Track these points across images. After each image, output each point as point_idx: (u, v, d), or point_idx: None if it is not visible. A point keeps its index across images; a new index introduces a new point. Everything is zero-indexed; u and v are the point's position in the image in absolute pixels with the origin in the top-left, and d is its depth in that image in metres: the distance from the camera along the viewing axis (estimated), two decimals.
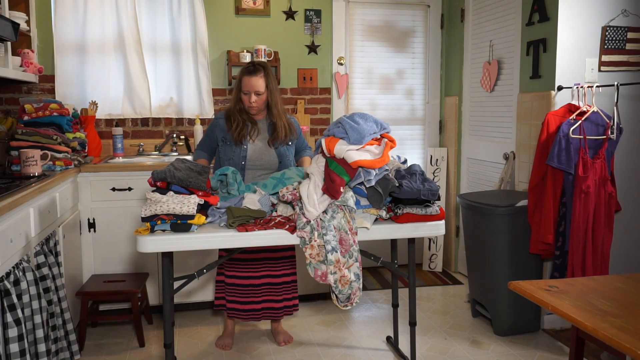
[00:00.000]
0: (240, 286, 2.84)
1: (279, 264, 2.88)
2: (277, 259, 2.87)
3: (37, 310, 2.08)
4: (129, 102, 3.68)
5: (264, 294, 2.86)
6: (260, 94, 2.70)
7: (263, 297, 2.86)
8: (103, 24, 3.58)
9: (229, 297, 2.86)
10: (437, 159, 4.20)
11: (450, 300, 3.60)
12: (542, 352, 2.83)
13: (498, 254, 2.96)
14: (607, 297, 1.57)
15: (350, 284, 2.17)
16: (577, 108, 2.80)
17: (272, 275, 2.87)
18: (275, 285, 2.87)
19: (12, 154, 2.90)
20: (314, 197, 2.18)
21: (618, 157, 3.00)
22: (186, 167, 2.24)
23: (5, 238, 1.96)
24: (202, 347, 2.94)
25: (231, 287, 2.85)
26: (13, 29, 2.73)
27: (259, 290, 2.85)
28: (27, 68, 3.27)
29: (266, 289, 2.86)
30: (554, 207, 2.78)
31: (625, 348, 1.26)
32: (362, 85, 4.13)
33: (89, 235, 3.13)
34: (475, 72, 3.81)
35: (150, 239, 2.05)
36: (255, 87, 2.68)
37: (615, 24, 2.95)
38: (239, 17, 3.84)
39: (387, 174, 2.24)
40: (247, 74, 2.70)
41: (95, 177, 3.12)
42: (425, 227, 2.30)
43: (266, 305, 2.87)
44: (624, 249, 3.11)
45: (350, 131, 2.20)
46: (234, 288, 2.85)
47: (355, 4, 4.04)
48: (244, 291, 2.84)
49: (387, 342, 2.98)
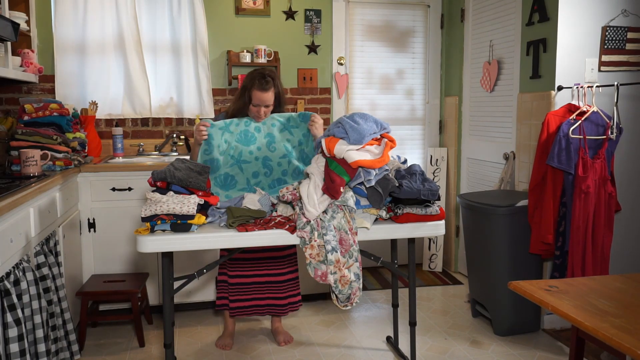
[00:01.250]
0: (244, 285, 2.85)
1: (283, 262, 2.89)
2: (280, 257, 2.88)
3: (37, 310, 2.08)
4: (129, 102, 3.68)
5: (267, 291, 2.88)
6: (269, 105, 2.68)
7: (267, 294, 2.88)
8: (103, 24, 3.58)
9: (233, 297, 2.86)
10: (437, 159, 4.20)
11: (450, 300, 3.60)
12: (542, 352, 2.83)
13: (498, 254, 2.96)
14: (607, 297, 1.57)
15: (350, 284, 2.17)
16: (577, 108, 2.80)
17: (276, 274, 2.88)
18: (279, 284, 2.89)
19: (12, 154, 2.90)
20: (314, 197, 2.18)
21: (618, 157, 3.00)
22: (186, 167, 2.24)
23: (5, 238, 1.96)
24: (202, 347, 2.94)
25: (235, 287, 2.85)
26: (13, 29, 2.73)
27: (263, 287, 2.87)
28: (27, 68, 3.27)
29: (270, 286, 2.88)
30: (554, 207, 2.78)
31: (625, 348, 1.26)
32: (362, 85, 4.13)
33: (89, 235, 3.14)
34: (475, 72, 3.81)
35: (150, 239, 2.05)
36: (266, 101, 2.64)
37: (615, 24, 2.95)
38: (239, 17, 3.84)
39: (387, 174, 2.24)
40: (259, 90, 2.62)
41: (95, 177, 3.12)
42: (425, 227, 2.30)
43: (270, 302, 2.89)
44: (624, 249, 3.11)
45: (350, 131, 2.20)
46: (238, 287, 2.85)
47: (355, 4, 4.04)
48: (248, 289, 2.86)
49: (387, 342, 2.98)
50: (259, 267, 2.85)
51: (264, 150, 2.58)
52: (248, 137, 2.59)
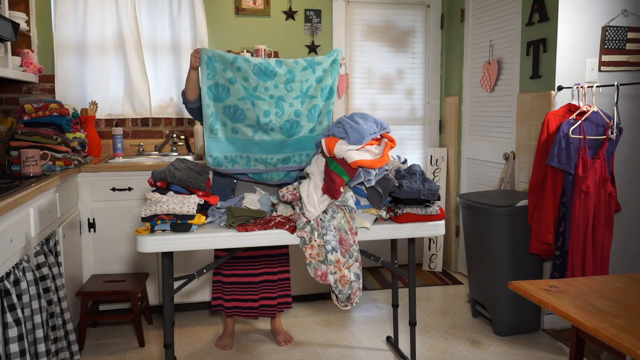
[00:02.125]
0: (239, 284, 2.85)
1: (276, 261, 2.90)
2: (274, 256, 2.89)
3: (37, 310, 2.08)
4: (129, 102, 3.68)
5: (261, 291, 2.89)
6: None
7: (260, 294, 2.88)
8: (103, 24, 3.58)
9: (227, 296, 2.87)
10: (437, 159, 4.20)
11: (450, 300, 3.60)
12: (542, 352, 2.83)
13: (498, 254, 2.96)
14: (607, 297, 1.57)
15: (350, 284, 2.17)
16: (577, 108, 2.80)
17: (270, 273, 2.89)
18: (272, 283, 2.90)
19: (12, 154, 2.90)
20: (314, 197, 2.18)
21: (618, 157, 3.00)
22: (186, 167, 2.24)
23: (5, 238, 1.96)
24: (202, 347, 2.94)
25: (229, 286, 2.86)
26: (13, 29, 2.73)
27: (257, 287, 2.87)
28: (27, 68, 3.27)
29: (264, 286, 2.89)
30: (554, 207, 2.78)
31: (625, 348, 1.26)
32: (362, 85, 4.13)
33: (89, 235, 3.14)
34: (475, 72, 3.81)
35: (150, 239, 2.05)
36: None
37: (615, 24, 2.95)
38: (239, 17, 3.84)
39: (387, 174, 2.24)
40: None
41: (95, 177, 3.12)
42: (425, 227, 2.30)
43: (263, 302, 2.90)
44: (624, 249, 3.11)
45: (350, 131, 2.20)
46: (232, 286, 2.86)
47: (355, 4, 4.04)
48: (243, 289, 2.86)
49: (387, 342, 2.98)
50: (253, 266, 2.86)
51: (281, 89, 2.42)
52: (268, 71, 2.41)
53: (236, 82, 2.39)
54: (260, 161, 2.49)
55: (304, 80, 2.47)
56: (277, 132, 2.45)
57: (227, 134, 2.44)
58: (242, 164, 2.49)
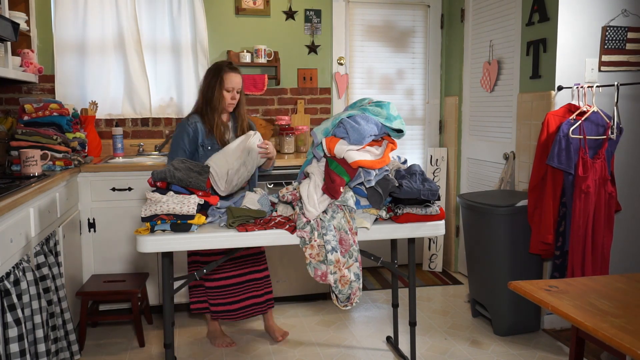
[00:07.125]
0: (224, 287, 2.86)
1: (256, 260, 2.93)
2: (253, 255, 2.92)
3: (37, 310, 2.08)
4: (129, 102, 3.68)
5: (247, 290, 2.90)
6: (240, 91, 2.73)
7: (247, 294, 2.90)
8: (103, 24, 3.58)
9: (214, 301, 2.87)
10: (437, 159, 4.20)
11: (450, 300, 3.60)
12: (542, 352, 2.83)
13: (498, 254, 2.96)
14: (607, 297, 1.57)
15: (350, 284, 2.17)
16: (577, 108, 2.80)
17: (256, 271, 2.93)
18: (258, 280, 2.93)
19: (12, 154, 2.90)
20: (314, 197, 2.18)
21: (618, 157, 3.00)
22: (186, 167, 2.24)
23: (5, 238, 1.96)
24: (202, 347, 2.94)
25: (214, 290, 2.86)
26: (13, 29, 2.73)
27: (243, 287, 2.89)
28: (27, 68, 3.27)
29: (250, 285, 2.91)
30: (553, 207, 2.78)
31: (625, 348, 1.26)
32: (362, 85, 4.13)
33: (89, 235, 3.13)
34: (475, 72, 3.81)
35: (150, 239, 2.05)
36: (239, 84, 2.71)
37: (615, 24, 2.95)
38: (239, 17, 3.84)
39: (387, 174, 2.24)
40: (230, 70, 2.69)
41: (95, 177, 3.12)
42: (425, 227, 2.30)
43: (251, 301, 2.91)
44: (624, 249, 3.11)
45: (350, 131, 2.20)
46: (217, 290, 2.86)
47: (355, 4, 4.04)
48: (229, 291, 2.87)
49: (387, 342, 2.98)
50: (235, 268, 2.87)
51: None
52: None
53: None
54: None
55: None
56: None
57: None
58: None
